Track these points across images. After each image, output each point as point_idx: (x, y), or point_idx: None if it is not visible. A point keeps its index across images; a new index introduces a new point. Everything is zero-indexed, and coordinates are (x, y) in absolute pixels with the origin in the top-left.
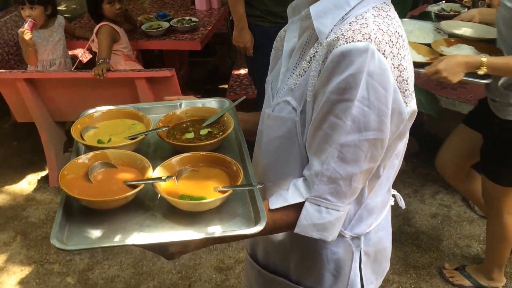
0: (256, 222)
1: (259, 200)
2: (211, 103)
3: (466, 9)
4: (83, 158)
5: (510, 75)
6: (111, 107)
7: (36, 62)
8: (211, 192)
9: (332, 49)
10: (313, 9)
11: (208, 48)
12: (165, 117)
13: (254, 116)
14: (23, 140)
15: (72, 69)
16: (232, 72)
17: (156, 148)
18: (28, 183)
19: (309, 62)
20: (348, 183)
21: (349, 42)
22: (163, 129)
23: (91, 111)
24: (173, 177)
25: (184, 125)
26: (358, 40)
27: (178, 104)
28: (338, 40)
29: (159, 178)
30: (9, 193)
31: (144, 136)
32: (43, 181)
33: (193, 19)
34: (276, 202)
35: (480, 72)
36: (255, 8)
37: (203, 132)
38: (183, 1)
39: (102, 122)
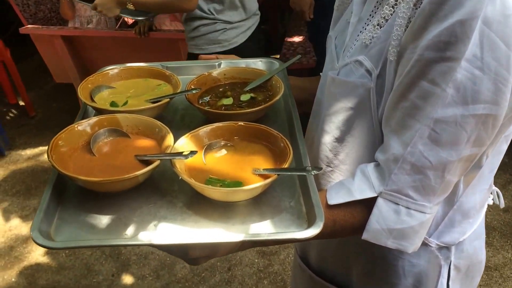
0: (310, 222)
1: (313, 191)
2: (257, 63)
3: None
4: (85, 124)
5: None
6: (133, 64)
7: (72, 17)
8: (249, 175)
9: None
10: None
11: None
12: (198, 78)
13: (310, 82)
14: (63, 102)
15: (116, 28)
16: (285, 39)
17: (183, 116)
18: None
19: (392, 7)
20: (439, 174)
21: None
22: (194, 91)
23: (108, 67)
24: (199, 153)
25: (221, 88)
26: None
27: (216, 64)
28: None
29: (180, 154)
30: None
31: (168, 99)
32: None
33: None
34: (337, 195)
35: (129, 7)
36: None
37: (245, 97)
38: None
39: (120, 82)
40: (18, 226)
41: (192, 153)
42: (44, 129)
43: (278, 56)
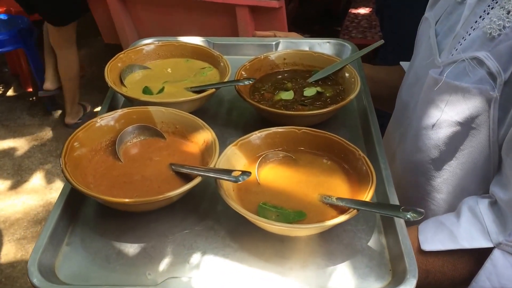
0: (396, 274)
1: (402, 234)
2: (323, 45)
3: None
4: (108, 119)
5: None
6: (173, 38)
7: None
8: (315, 202)
9: None
10: None
11: None
12: (251, 63)
13: (387, 73)
14: None
15: None
16: (349, 10)
17: (230, 110)
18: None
19: None
20: None
21: None
22: (247, 82)
23: (144, 41)
24: (252, 169)
25: (280, 76)
26: None
27: (273, 43)
28: None
29: (228, 173)
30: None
31: (214, 89)
32: None
33: None
34: (435, 239)
35: None
36: None
37: (309, 92)
38: None
39: (157, 61)
40: (59, 189)
41: (245, 175)
42: (93, 88)
43: (339, 28)
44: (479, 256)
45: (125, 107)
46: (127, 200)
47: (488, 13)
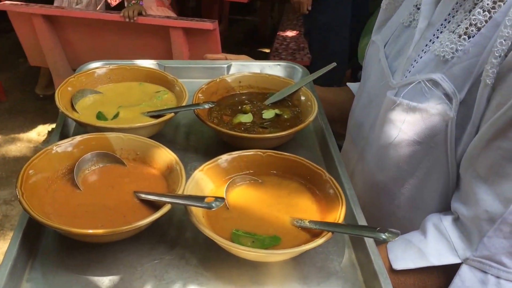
0: None
1: (373, 253)
2: (275, 68)
3: None
4: (65, 145)
5: None
6: (125, 61)
7: None
8: (287, 226)
9: None
10: None
11: (247, 5)
12: (208, 85)
13: (335, 95)
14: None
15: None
16: (278, 33)
17: (188, 134)
18: (37, 134)
19: (489, 12)
20: None
21: None
22: (207, 105)
23: (94, 64)
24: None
25: (237, 99)
26: None
27: (225, 66)
28: None
29: (200, 199)
30: (19, 141)
31: (173, 114)
32: None
33: None
34: (405, 257)
35: None
36: None
37: (268, 114)
38: None
39: (109, 85)
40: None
41: (218, 201)
42: (17, 113)
43: (268, 50)
44: (448, 272)
45: (77, 134)
46: (92, 231)
47: (437, 37)
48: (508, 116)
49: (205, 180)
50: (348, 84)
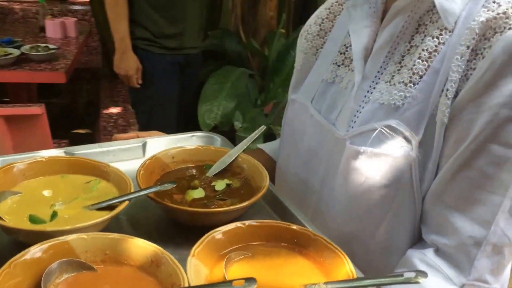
0: None
1: None
2: (191, 139)
3: None
4: (22, 261)
5: None
6: (35, 153)
7: None
8: None
9: (493, 35)
10: None
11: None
12: (145, 166)
13: (257, 156)
14: None
15: None
16: (101, 111)
17: (138, 219)
18: None
19: (426, 61)
20: None
21: None
22: (169, 185)
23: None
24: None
25: (175, 176)
26: None
27: (140, 144)
28: (509, 19)
29: (226, 285)
30: None
31: (128, 201)
32: None
33: (51, 46)
34: None
35: None
36: (143, 27)
37: (219, 186)
38: (28, 28)
39: (26, 182)
40: None
41: (248, 282)
42: None
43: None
44: None
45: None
46: None
47: (374, 88)
48: (470, 149)
49: (199, 265)
50: (260, 145)
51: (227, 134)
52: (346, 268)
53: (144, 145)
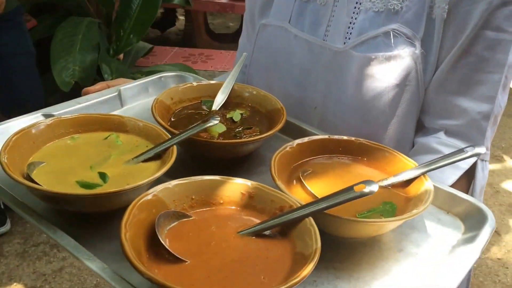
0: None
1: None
2: (160, 82)
3: None
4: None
5: None
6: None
7: None
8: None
9: None
10: None
11: None
12: (156, 111)
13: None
14: None
15: None
16: None
17: (183, 161)
18: None
19: None
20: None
21: None
22: (215, 121)
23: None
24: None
25: (181, 116)
26: None
27: (116, 94)
28: None
29: (347, 192)
30: None
31: (174, 146)
32: None
33: None
34: (450, 173)
35: None
36: None
37: (236, 116)
38: None
39: (40, 151)
40: None
41: (368, 183)
42: None
43: None
44: (468, 173)
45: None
46: None
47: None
48: (468, 38)
49: (281, 186)
50: (216, 79)
51: None
52: (403, 160)
53: (119, 94)
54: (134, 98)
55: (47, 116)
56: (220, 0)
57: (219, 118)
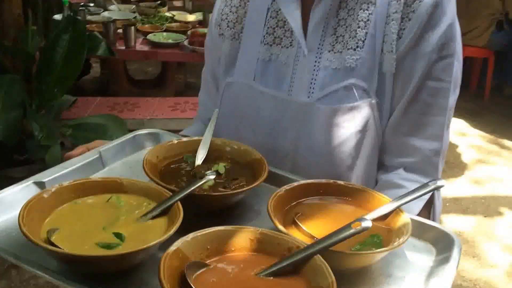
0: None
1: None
2: (134, 140)
3: None
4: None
5: None
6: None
7: None
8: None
9: (415, 1)
10: None
11: None
12: (148, 167)
13: None
14: None
15: None
16: None
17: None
18: None
19: (364, 29)
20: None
21: None
22: (212, 176)
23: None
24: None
25: (169, 172)
26: None
27: (97, 156)
28: None
29: (345, 229)
30: None
31: (178, 201)
32: None
33: None
34: (413, 207)
35: None
36: None
37: (220, 169)
38: None
39: (49, 219)
40: None
41: (363, 221)
42: None
43: None
44: (428, 204)
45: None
46: None
47: (320, 58)
48: (414, 88)
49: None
50: (182, 133)
51: (20, 146)
52: (379, 197)
53: (100, 156)
54: (113, 158)
55: (38, 183)
56: (142, 48)
57: (214, 174)
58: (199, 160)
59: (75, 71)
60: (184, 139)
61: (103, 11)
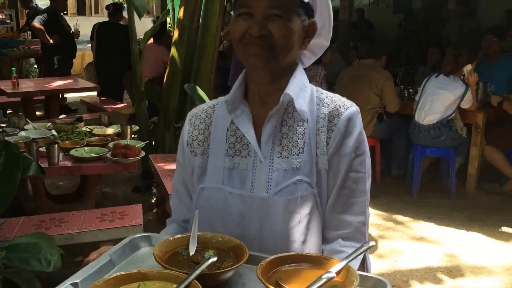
0: None
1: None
2: (131, 243)
3: None
4: None
5: None
6: None
7: None
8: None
9: (335, 118)
10: (291, 93)
11: None
12: (160, 259)
13: None
14: None
15: None
16: None
17: None
18: None
19: (302, 140)
20: None
21: (347, 108)
22: (211, 259)
23: None
24: None
25: (173, 261)
26: (351, 105)
27: (109, 259)
28: (339, 109)
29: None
30: None
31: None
32: None
33: None
34: (355, 262)
35: None
36: None
37: (208, 253)
38: None
39: None
40: None
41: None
42: None
43: None
44: (362, 263)
45: None
46: None
47: (272, 163)
48: (342, 179)
49: None
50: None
51: None
52: (331, 259)
53: (111, 259)
54: (119, 259)
55: (74, 285)
56: (66, 164)
57: (216, 256)
58: (191, 251)
59: (10, 193)
60: (178, 236)
61: (19, 131)
